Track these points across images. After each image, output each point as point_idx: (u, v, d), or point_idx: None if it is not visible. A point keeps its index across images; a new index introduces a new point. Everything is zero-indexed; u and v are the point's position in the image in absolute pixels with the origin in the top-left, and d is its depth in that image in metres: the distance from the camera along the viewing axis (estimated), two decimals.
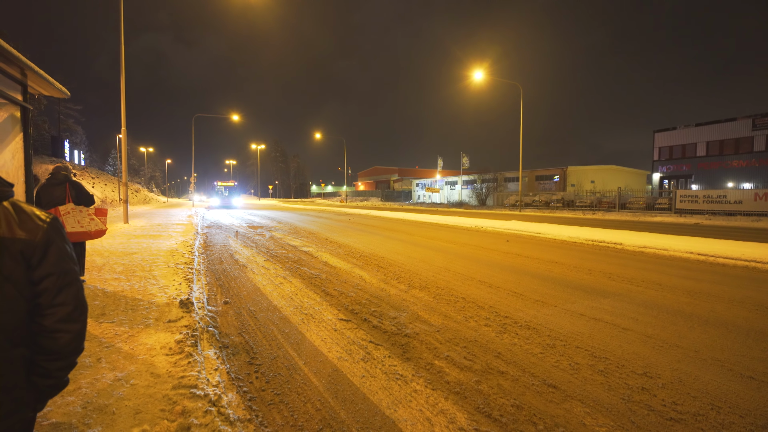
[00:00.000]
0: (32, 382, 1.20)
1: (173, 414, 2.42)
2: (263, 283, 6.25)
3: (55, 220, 1.22)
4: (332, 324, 4.36)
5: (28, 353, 1.18)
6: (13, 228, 1.12)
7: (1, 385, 1.10)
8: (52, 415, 2.37)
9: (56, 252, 1.19)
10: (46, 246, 1.17)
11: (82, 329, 1.26)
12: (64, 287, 1.20)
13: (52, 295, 1.18)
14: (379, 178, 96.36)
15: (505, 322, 4.44)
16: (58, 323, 1.19)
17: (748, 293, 5.81)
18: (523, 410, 2.70)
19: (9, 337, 1.11)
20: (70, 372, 1.29)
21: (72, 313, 1.22)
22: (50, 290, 1.18)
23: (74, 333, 1.23)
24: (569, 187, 47.75)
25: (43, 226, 1.17)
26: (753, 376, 3.22)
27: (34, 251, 1.14)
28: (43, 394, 1.24)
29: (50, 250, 1.18)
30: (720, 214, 25.02)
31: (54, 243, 1.19)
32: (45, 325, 1.18)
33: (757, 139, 35.77)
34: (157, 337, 3.66)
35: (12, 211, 1.14)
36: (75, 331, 1.23)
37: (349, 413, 2.65)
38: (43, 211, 1.22)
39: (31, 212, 1.18)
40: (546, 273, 7.14)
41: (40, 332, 1.19)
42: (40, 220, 1.18)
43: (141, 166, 79.42)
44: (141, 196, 46.94)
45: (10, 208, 1.14)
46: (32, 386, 1.20)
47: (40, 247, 1.15)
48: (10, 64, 3.82)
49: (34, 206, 1.22)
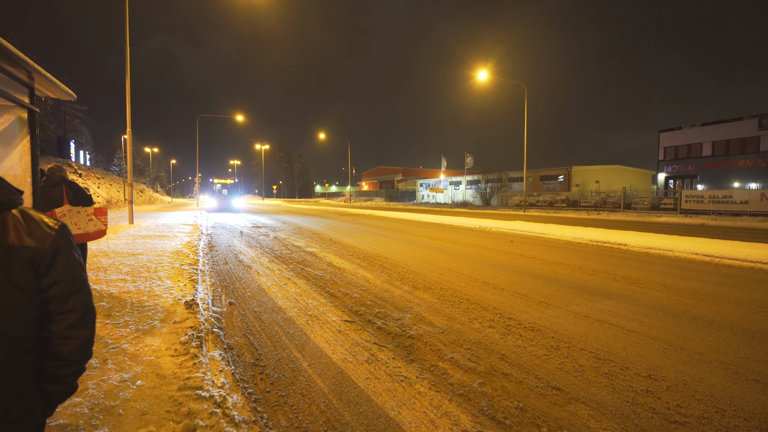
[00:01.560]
0: (42, 388, 1.22)
1: (179, 415, 2.44)
2: (268, 284, 6.27)
3: (64, 227, 1.24)
4: (336, 325, 4.37)
5: (37, 360, 1.19)
6: (21, 236, 1.13)
7: (11, 392, 1.11)
8: (60, 416, 2.40)
9: (64, 259, 1.20)
10: (55, 253, 1.18)
11: (91, 335, 1.28)
12: (73, 294, 1.21)
13: (60, 303, 1.19)
14: (383, 178, 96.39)
15: (509, 323, 4.44)
16: (67, 330, 1.21)
17: (754, 295, 5.77)
18: (527, 412, 2.70)
19: (18, 344, 1.13)
20: (79, 377, 1.31)
21: (80, 320, 1.23)
22: (59, 297, 1.19)
23: (83, 339, 1.25)
24: (574, 187, 47.57)
25: (52, 234, 1.19)
26: (758, 378, 3.20)
27: (42, 259, 1.15)
28: (52, 399, 1.26)
29: (58, 257, 1.19)
30: (726, 215, 24.85)
31: (62, 250, 1.20)
32: (54, 331, 1.20)
33: (764, 139, 35.49)
34: (162, 338, 3.69)
35: (21, 219, 1.15)
36: (83, 337, 1.25)
37: (353, 415, 2.66)
38: (51, 218, 1.23)
39: (40, 220, 1.19)
40: (550, 274, 7.12)
41: (49, 339, 1.20)
42: (48, 228, 1.19)
43: (146, 167, 79.84)
44: (146, 197, 47.18)
45: (19, 216, 1.16)
46: (42, 392, 1.22)
47: (48, 254, 1.16)
48: (18, 67, 3.86)
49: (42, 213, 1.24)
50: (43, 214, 1.22)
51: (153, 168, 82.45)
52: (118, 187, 38.18)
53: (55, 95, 5.09)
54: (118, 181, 41.47)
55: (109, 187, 35.78)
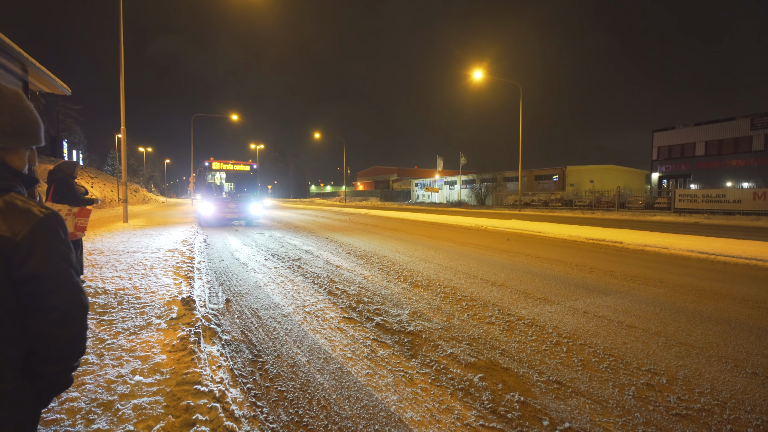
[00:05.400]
0: (31, 383, 1.14)
1: (178, 410, 2.41)
2: (265, 281, 6.23)
3: (49, 217, 1.13)
4: (335, 322, 4.34)
5: (15, 353, 1.11)
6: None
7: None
8: (57, 411, 2.35)
9: (43, 251, 1.10)
10: (31, 245, 1.08)
11: (78, 333, 1.18)
12: (54, 290, 1.12)
13: (39, 298, 1.10)
14: (378, 178, 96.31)
15: (509, 319, 4.43)
16: (49, 327, 1.12)
17: (750, 291, 5.80)
18: (528, 406, 2.69)
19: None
20: (68, 375, 1.22)
21: (63, 318, 1.13)
22: (37, 293, 1.10)
23: (68, 338, 1.15)
24: (568, 186, 47.78)
25: (30, 223, 1.09)
26: (757, 372, 3.21)
27: (14, 250, 1.06)
28: (42, 393, 1.18)
29: (35, 249, 1.09)
30: (719, 214, 25.04)
31: (41, 242, 1.10)
32: (34, 328, 1.11)
33: (756, 139, 35.83)
34: (159, 334, 3.64)
35: (2, 206, 1.08)
36: (68, 335, 1.15)
37: (354, 410, 2.63)
38: (42, 208, 1.14)
39: (25, 209, 1.11)
40: (548, 271, 7.13)
41: (30, 336, 1.12)
42: (30, 216, 1.10)
43: (140, 166, 79.25)
44: (140, 196, 46.85)
45: (0, 204, 1.08)
46: (32, 386, 1.15)
47: (22, 245, 1.07)
48: (11, 59, 3.80)
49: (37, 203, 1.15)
50: (35, 204, 1.14)
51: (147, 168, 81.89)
52: (111, 186, 37.86)
53: (50, 89, 5.04)
54: (112, 180, 41.12)
55: (102, 187, 35.47)
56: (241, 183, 16.97)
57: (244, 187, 16.90)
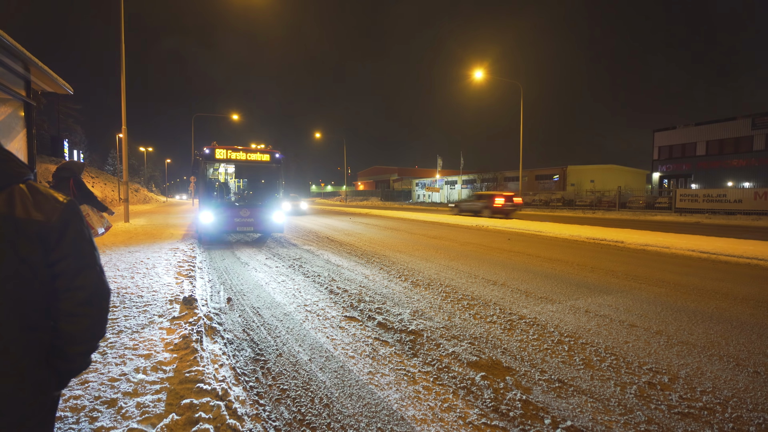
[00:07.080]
0: (53, 365, 1.19)
1: (181, 408, 2.41)
2: (266, 280, 6.23)
3: (73, 202, 1.20)
4: (337, 321, 4.35)
5: (46, 337, 1.16)
6: (29, 209, 1.10)
7: (20, 369, 1.08)
8: (61, 408, 2.36)
9: (73, 234, 1.17)
10: (63, 228, 1.15)
11: (103, 314, 1.24)
12: (82, 270, 1.18)
13: (69, 279, 1.16)
14: (379, 177, 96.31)
15: (511, 318, 4.44)
16: (77, 307, 1.18)
17: (752, 290, 5.80)
18: (530, 405, 2.69)
19: (26, 320, 1.10)
20: (90, 355, 1.28)
21: (91, 298, 1.19)
22: (67, 273, 1.16)
23: (94, 317, 1.21)
24: (569, 186, 47.77)
25: (60, 207, 1.15)
26: (758, 370, 3.21)
27: (50, 233, 1.12)
28: (63, 375, 1.23)
29: (67, 232, 1.15)
30: (720, 213, 25.01)
31: (71, 225, 1.17)
32: (63, 309, 1.17)
33: (757, 138, 35.81)
34: (162, 332, 3.65)
35: (28, 193, 1.13)
36: (94, 315, 1.21)
37: (357, 408, 2.64)
38: (61, 194, 1.20)
39: (48, 194, 1.16)
40: (549, 270, 7.13)
41: (59, 317, 1.17)
42: (57, 202, 1.16)
43: (141, 166, 79.26)
44: (141, 196, 46.91)
45: (26, 190, 1.13)
46: (53, 369, 1.19)
47: (56, 228, 1.13)
48: (14, 58, 3.81)
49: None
50: (52, 190, 1.19)
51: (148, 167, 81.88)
52: (112, 186, 37.91)
53: (52, 89, 5.04)
54: (113, 180, 41.18)
55: (103, 187, 35.51)
56: (259, 179, 12.30)
57: (262, 185, 12.11)
